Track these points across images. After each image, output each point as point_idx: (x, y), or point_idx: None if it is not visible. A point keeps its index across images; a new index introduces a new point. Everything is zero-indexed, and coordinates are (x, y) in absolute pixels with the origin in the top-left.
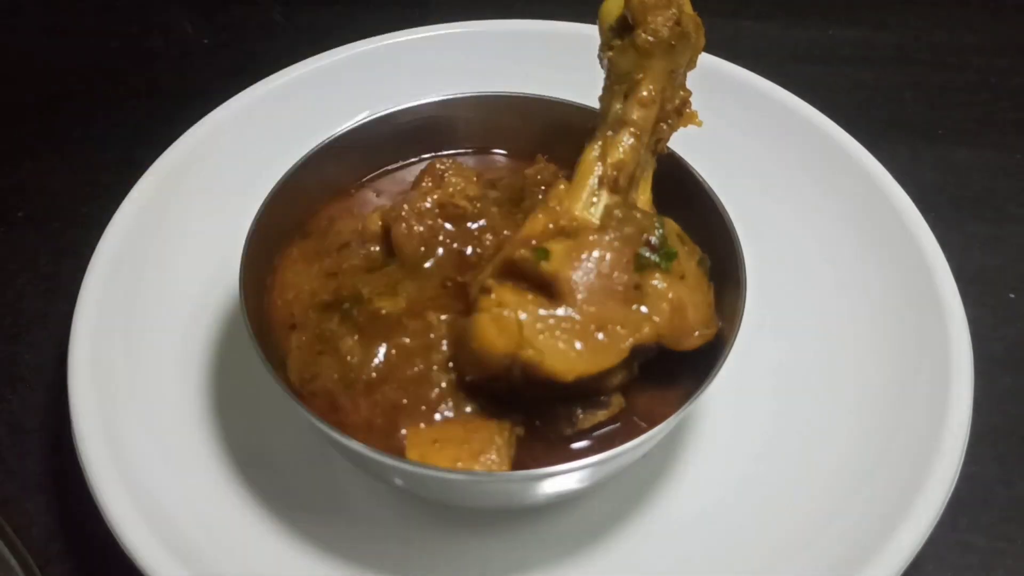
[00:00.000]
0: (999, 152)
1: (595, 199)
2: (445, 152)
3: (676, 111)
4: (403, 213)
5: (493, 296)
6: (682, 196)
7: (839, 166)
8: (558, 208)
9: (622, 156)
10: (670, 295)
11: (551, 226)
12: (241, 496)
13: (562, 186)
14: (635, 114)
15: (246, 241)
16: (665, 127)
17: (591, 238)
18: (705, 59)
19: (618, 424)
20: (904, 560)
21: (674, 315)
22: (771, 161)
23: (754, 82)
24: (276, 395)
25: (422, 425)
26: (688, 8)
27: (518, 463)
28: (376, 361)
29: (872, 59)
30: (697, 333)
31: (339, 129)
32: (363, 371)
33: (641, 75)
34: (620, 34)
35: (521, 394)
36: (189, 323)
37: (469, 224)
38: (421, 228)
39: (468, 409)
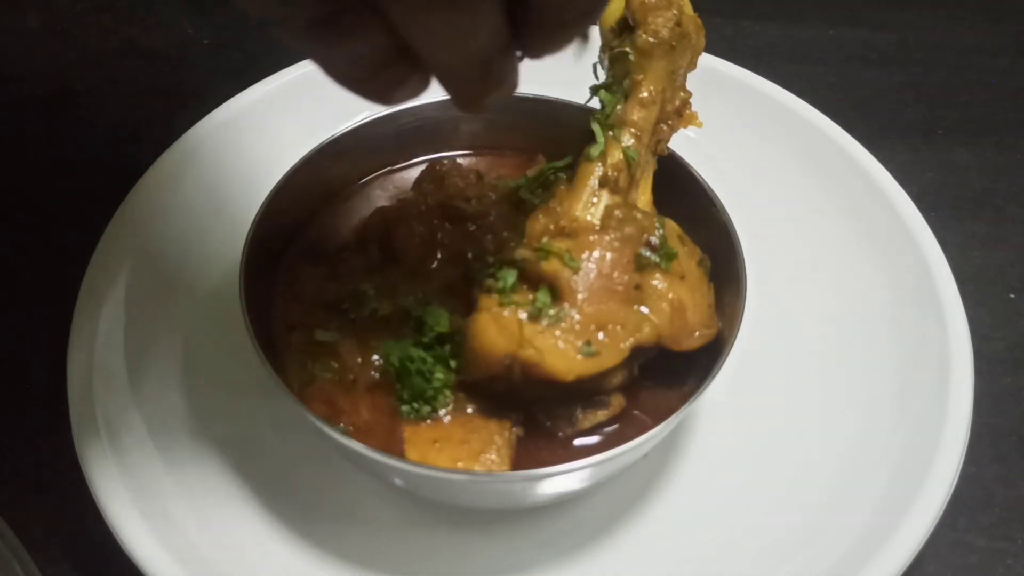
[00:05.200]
0: (999, 152)
1: (595, 200)
2: (445, 153)
3: (676, 112)
4: (403, 215)
5: (493, 296)
6: (682, 196)
7: (839, 166)
8: (558, 209)
9: (622, 157)
10: (670, 295)
11: (551, 227)
12: (241, 496)
13: (562, 187)
14: (635, 115)
15: (246, 241)
16: (665, 128)
17: (591, 238)
18: (705, 59)
19: (618, 424)
20: (904, 560)
21: (674, 315)
22: (771, 161)
23: (754, 82)
24: (276, 396)
25: (422, 425)
26: (689, 9)
27: (518, 463)
28: (376, 362)
29: (872, 59)
30: (697, 333)
31: (339, 129)
32: (362, 373)
33: (641, 76)
34: (620, 35)
35: (521, 394)
36: (189, 323)
37: (470, 225)
38: (421, 229)
39: (468, 409)
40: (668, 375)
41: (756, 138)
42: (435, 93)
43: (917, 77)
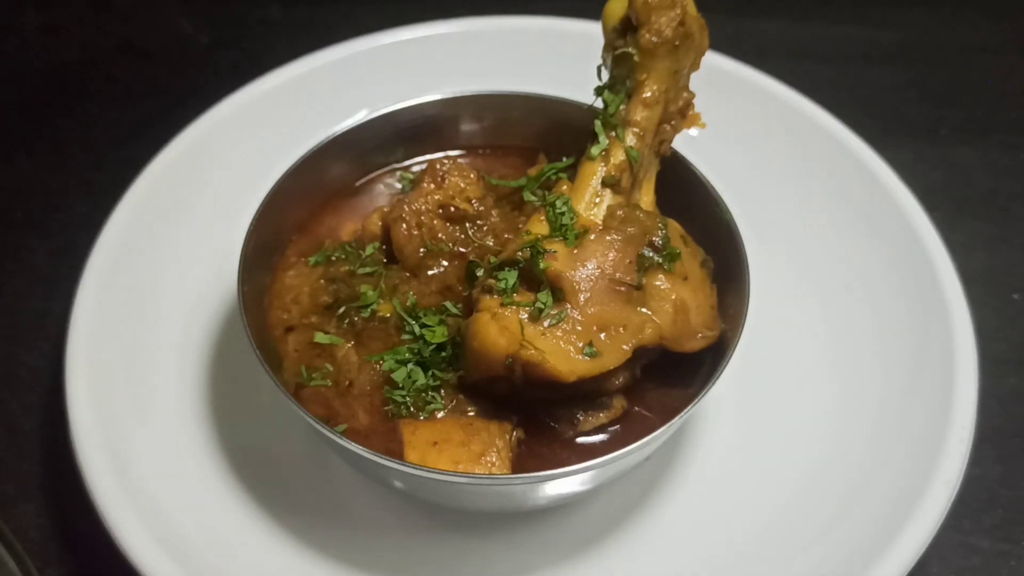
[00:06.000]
0: (1003, 152)
1: (598, 199)
2: (446, 152)
3: (680, 112)
4: (403, 214)
5: (494, 296)
6: (685, 197)
7: (843, 165)
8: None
9: (625, 157)
10: (673, 296)
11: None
12: (239, 498)
13: (565, 186)
14: (638, 115)
15: (244, 242)
16: (668, 128)
17: (593, 238)
18: (708, 56)
19: (620, 426)
20: (908, 562)
21: (677, 316)
22: (775, 160)
23: (757, 80)
24: (274, 397)
25: (422, 427)
26: (692, 9)
27: (519, 466)
28: (374, 364)
29: (875, 58)
30: (700, 335)
31: (338, 128)
32: (361, 374)
33: (645, 75)
34: (624, 34)
35: (522, 396)
36: (187, 324)
37: (470, 225)
38: (421, 229)
39: (469, 411)
40: (671, 377)
41: (760, 137)
42: (435, 92)
43: (920, 76)
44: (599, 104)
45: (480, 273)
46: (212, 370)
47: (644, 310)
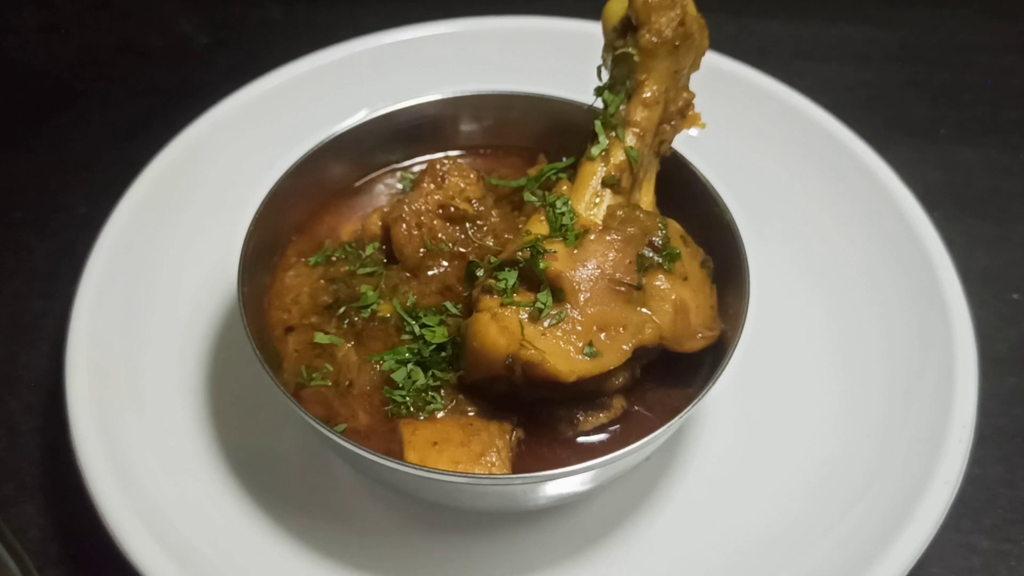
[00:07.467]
0: (1003, 152)
1: (598, 199)
2: (446, 152)
3: (679, 112)
4: (403, 215)
5: (494, 296)
6: (685, 197)
7: (843, 165)
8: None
9: (625, 157)
10: (673, 296)
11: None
12: (239, 499)
13: (565, 187)
14: (638, 115)
15: (244, 242)
16: (668, 128)
17: (593, 238)
18: (708, 57)
19: (619, 426)
20: (908, 562)
21: (677, 316)
22: (775, 160)
23: (757, 80)
24: (274, 397)
25: (422, 427)
26: (692, 9)
27: (519, 466)
28: (374, 364)
29: (875, 58)
30: (700, 335)
31: (338, 128)
32: (361, 374)
33: (644, 76)
34: (624, 34)
35: (522, 396)
36: (187, 324)
37: (470, 225)
38: (421, 230)
39: (469, 411)
40: (671, 377)
41: (759, 137)
42: (435, 92)
43: (920, 76)
44: (599, 104)
45: (480, 273)
46: (212, 370)
47: (644, 310)
